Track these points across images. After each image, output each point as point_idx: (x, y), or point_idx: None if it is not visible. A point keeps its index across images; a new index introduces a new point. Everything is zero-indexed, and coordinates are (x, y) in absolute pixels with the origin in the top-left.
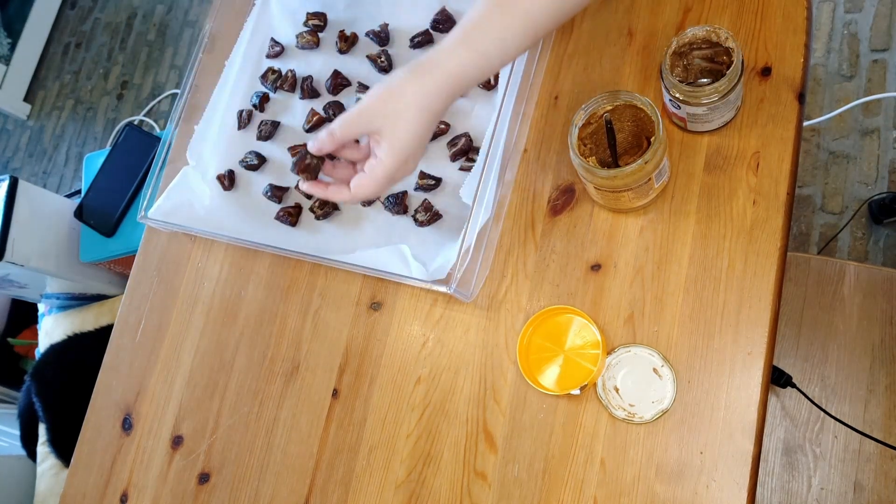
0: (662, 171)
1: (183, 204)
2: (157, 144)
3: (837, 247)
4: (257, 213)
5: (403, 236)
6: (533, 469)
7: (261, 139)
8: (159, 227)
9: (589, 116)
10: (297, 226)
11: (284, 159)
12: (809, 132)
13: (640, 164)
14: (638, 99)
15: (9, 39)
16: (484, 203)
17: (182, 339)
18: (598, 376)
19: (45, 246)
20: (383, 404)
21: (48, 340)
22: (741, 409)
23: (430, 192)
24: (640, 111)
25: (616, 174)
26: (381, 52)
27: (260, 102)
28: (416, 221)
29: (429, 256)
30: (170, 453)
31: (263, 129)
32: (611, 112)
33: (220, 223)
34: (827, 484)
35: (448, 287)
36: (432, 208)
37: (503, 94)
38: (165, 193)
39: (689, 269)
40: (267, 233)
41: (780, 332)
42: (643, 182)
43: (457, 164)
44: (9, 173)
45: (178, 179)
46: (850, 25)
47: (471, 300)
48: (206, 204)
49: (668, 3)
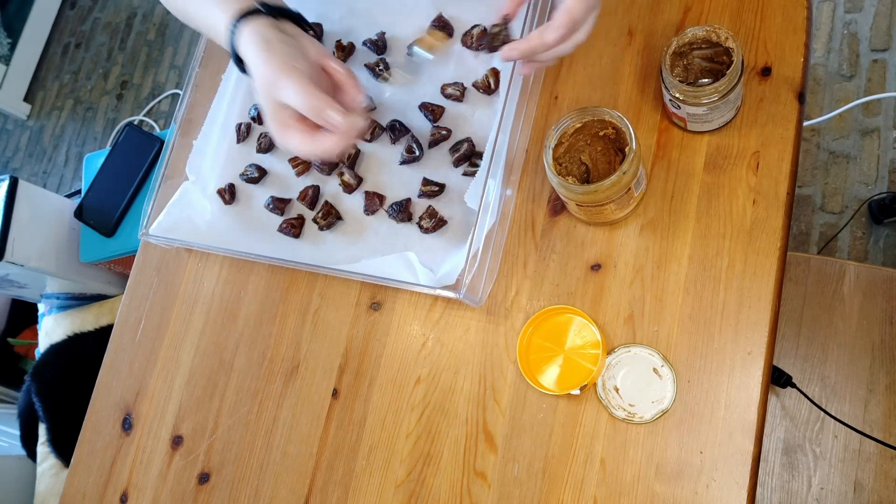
0: (640, 180)
1: (183, 219)
2: (157, 144)
3: (837, 247)
4: (259, 226)
5: (408, 244)
6: (533, 469)
7: (261, 151)
8: (161, 243)
9: (560, 136)
10: (301, 237)
11: (285, 171)
12: (809, 132)
13: (618, 176)
14: (607, 113)
15: (9, 39)
16: (490, 208)
17: (182, 339)
18: (598, 376)
19: (45, 246)
20: (383, 404)
21: (48, 340)
22: (741, 408)
23: (434, 198)
24: (611, 124)
25: (596, 188)
26: (378, 60)
27: (258, 115)
28: (421, 228)
29: (435, 263)
30: (170, 453)
31: (263, 141)
32: (581, 128)
33: (222, 238)
34: (827, 484)
35: (457, 293)
36: (437, 214)
37: (504, 98)
38: (166, 210)
39: (688, 269)
40: (270, 246)
41: (780, 332)
42: (623, 192)
43: (460, 170)
44: (9, 173)
45: (178, 195)
46: (850, 25)
47: (480, 305)
48: (208, 218)
49: (668, 3)
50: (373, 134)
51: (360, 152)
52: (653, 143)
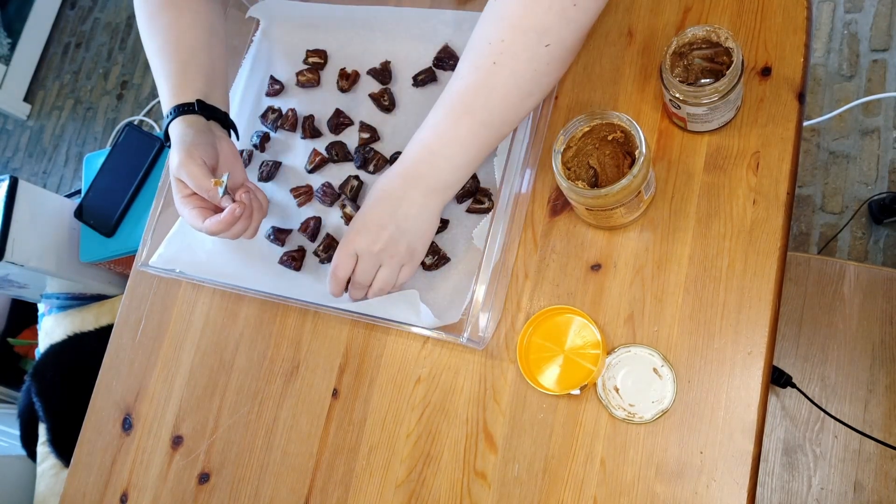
0: (650, 183)
1: (183, 249)
2: (157, 144)
3: (837, 247)
4: (260, 258)
5: (410, 280)
6: (533, 469)
7: (262, 180)
8: (160, 274)
9: (569, 140)
10: (302, 270)
11: (286, 201)
12: (809, 132)
13: (629, 180)
14: (616, 116)
15: (9, 39)
16: (496, 247)
17: (182, 339)
18: (598, 376)
19: (45, 246)
20: (383, 404)
21: (48, 340)
22: (741, 409)
23: (438, 234)
24: (620, 127)
25: (607, 192)
26: (383, 90)
27: (261, 142)
28: (424, 265)
29: (438, 302)
30: (170, 453)
31: (264, 169)
32: (589, 132)
33: (222, 270)
34: (827, 484)
35: (460, 337)
36: (440, 251)
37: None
38: (166, 241)
39: (688, 269)
40: (271, 280)
41: (780, 332)
42: (633, 196)
43: (464, 206)
44: (9, 173)
45: (179, 226)
46: (850, 25)
47: (483, 347)
48: (209, 248)
49: (668, 3)
50: (376, 166)
51: (362, 184)
52: (653, 144)
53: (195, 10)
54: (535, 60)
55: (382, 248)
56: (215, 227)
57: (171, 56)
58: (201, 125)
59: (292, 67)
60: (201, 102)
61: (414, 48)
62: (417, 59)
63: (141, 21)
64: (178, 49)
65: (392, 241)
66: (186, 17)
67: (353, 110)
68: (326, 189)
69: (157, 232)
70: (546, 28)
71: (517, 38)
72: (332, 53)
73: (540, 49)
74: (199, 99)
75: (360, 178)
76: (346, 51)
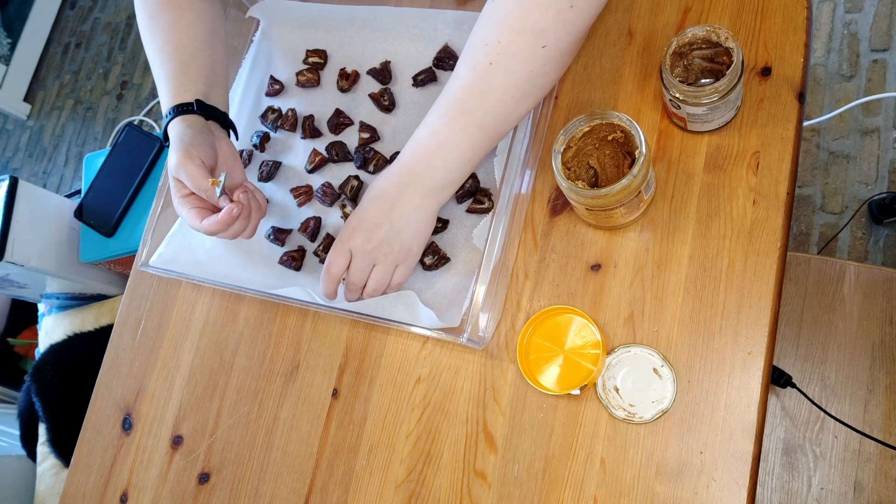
0: (650, 184)
1: (183, 249)
2: (157, 144)
3: (837, 247)
4: (260, 257)
5: (410, 281)
6: (533, 469)
7: (262, 180)
8: (160, 274)
9: (569, 140)
10: (302, 270)
11: (286, 201)
12: (809, 132)
13: (629, 180)
14: (616, 116)
15: (9, 39)
16: (496, 247)
17: (182, 339)
18: (598, 376)
19: (45, 246)
20: (383, 404)
21: (48, 340)
22: (741, 408)
23: (437, 234)
24: (620, 127)
25: (607, 192)
26: (383, 90)
27: (260, 142)
28: (423, 265)
29: (437, 303)
30: (170, 453)
31: (264, 169)
32: (589, 132)
33: (222, 270)
34: (827, 484)
35: (460, 337)
36: (440, 251)
37: (510, 139)
38: (166, 241)
39: (688, 269)
40: (271, 280)
41: (780, 332)
42: (633, 196)
43: (464, 206)
44: (9, 173)
45: (179, 226)
46: (850, 25)
47: (483, 347)
48: (209, 248)
49: (668, 3)
50: (376, 166)
51: (362, 184)
52: (653, 144)
53: (195, 10)
54: (532, 62)
55: (376, 247)
56: (213, 227)
57: (172, 56)
58: (200, 125)
59: (292, 67)
60: (200, 102)
61: (414, 48)
62: (417, 59)
63: (141, 21)
64: (178, 49)
65: (386, 239)
66: (187, 17)
67: (353, 110)
68: (326, 189)
69: (157, 232)
70: (543, 29)
71: (514, 39)
72: (332, 53)
73: (536, 50)
74: (198, 99)
75: (360, 179)
76: (346, 51)
